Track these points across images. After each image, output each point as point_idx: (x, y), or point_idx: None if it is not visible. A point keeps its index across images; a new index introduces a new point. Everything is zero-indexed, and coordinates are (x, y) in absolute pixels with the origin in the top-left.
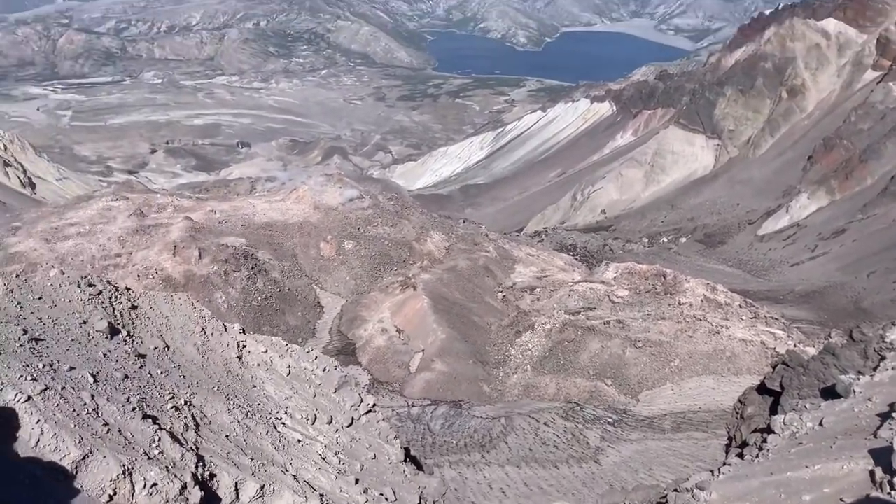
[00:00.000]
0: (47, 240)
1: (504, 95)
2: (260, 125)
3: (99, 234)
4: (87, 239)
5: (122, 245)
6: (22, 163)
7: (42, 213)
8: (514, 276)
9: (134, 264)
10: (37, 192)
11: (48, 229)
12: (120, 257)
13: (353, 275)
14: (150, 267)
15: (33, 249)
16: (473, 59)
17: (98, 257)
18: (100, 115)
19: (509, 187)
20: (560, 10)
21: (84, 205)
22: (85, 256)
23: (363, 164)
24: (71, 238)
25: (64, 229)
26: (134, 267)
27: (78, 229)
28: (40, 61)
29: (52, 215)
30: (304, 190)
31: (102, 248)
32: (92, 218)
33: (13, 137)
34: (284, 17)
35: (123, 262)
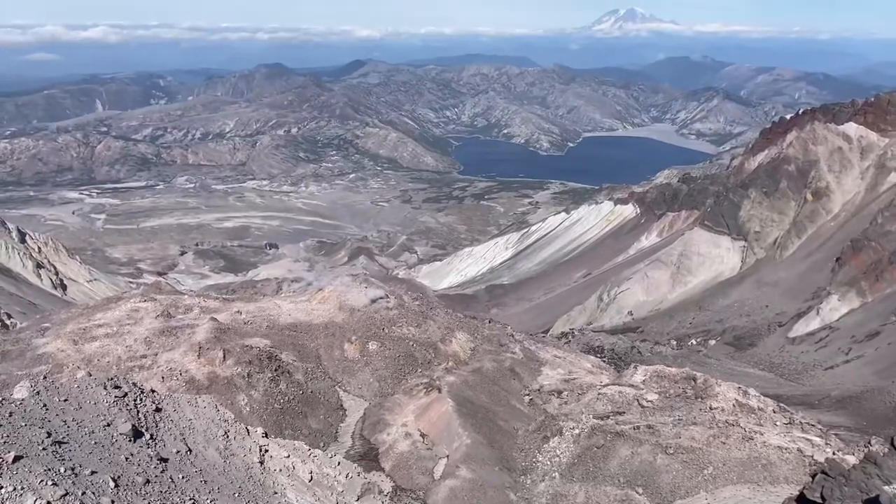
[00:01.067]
0: (75, 341)
1: (528, 198)
2: (288, 227)
3: (126, 335)
4: (114, 340)
5: (148, 346)
6: (54, 264)
7: (71, 315)
8: (540, 378)
9: (159, 366)
10: (67, 293)
11: (76, 330)
12: (146, 358)
13: (377, 376)
14: (174, 368)
15: (61, 350)
16: (497, 163)
17: (124, 358)
18: (133, 218)
19: (535, 288)
20: (582, 117)
21: (112, 306)
22: (111, 357)
23: (389, 264)
24: (98, 339)
25: (92, 330)
26: (159, 368)
27: (105, 330)
28: (78, 167)
29: (80, 316)
30: (330, 290)
31: (129, 350)
32: (119, 319)
33: (47, 240)
34: (315, 124)
35: (149, 363)
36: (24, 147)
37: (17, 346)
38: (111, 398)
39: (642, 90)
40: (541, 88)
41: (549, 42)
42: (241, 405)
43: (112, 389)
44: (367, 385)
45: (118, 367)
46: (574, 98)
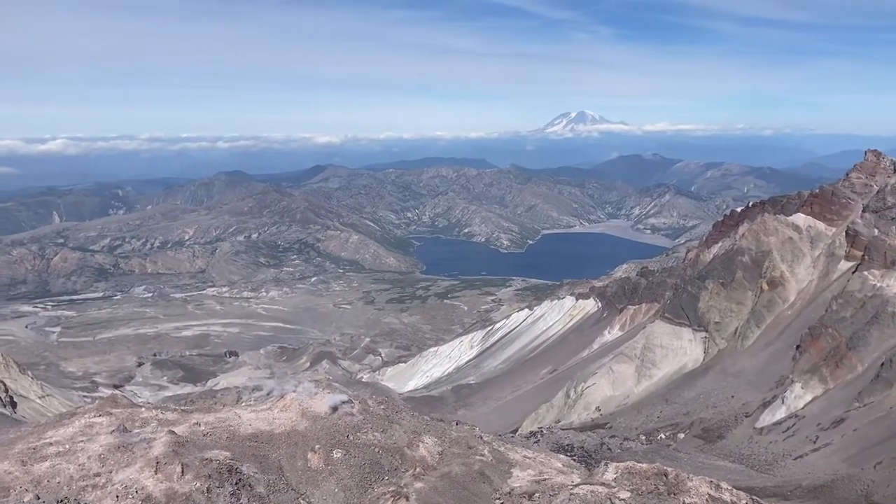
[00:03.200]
0: (23, 461)
1: (491, 295)
2: (248, 334)
3: (79, 452)
4: (66, 459)
5: (102, 463)
6: (4, 381)
7: (20, 433)
8: (511, 480)
9: (114, 484)
10: (17, 410)
11: (25, 450)
12: (99, 476)
13: (342, 486)
14: (130, 486)
15: (7, 472)
16: (459, 261)
17: (76, 478)
18: (89, 330)
19: (501, 386)
20: (540, 214)
21: (65, 422)
22: (62, 478)
23: (352, 367)
24: (49, 458)
25: (42, 449)
26: (114, 487)
27: (57, 448)
28: (32, 279)
29: (30, 435)
30: (291, 398)
31: (81, 468)
32: (72, 436)
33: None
34: (275, 228)
35: (103, 481)
36: None
37: None
38: None
39: (597, 188)
40: (499, 188)
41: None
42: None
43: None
44: (332, 496)
45: (69, 488)
46: (531, 197)
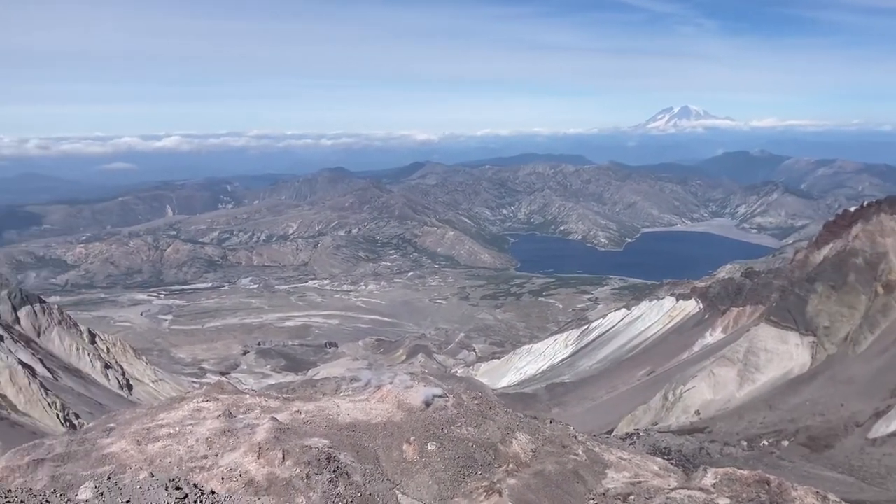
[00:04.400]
0: (138, 441)
1: (587, 294)
2: (348, 326)
3: (188, 435)
4: (176, 440)
5: (209, 447)
6: (122, 365)
7: (136, 415)
8: (605, 481)
9: (219, 466)
10: (133, 393)
11: (140, 430)
12: (206, 459)
13: (436, 479)
14: (234, 469)
15: (124, 451)
16: (555, 259)
17: (185, 459)
18: (198, 319)
19: (597, 386)
20: (639, 212)
21: (176, 406)
22: (173, 458)
23: (447, 362)
24: (161, 439)
25: (155, 430)
26: (219, 469)
27: (168, 430)
28: (148, 269)
29: (144, 416)
30: (388, 389)
31: (190, 450)
32: (182, 419)
33: (116, 341)
34: (374, 224)
35: (209, 464)
36: (98, 251)
37: (83, 447)
38: (172, 500)
39: (700, 185)
40: (597, 185)
41: (604, 140)
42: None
43: (173, 491)
44: (426, 487)
45: (179, 468)
46: (631, 194)
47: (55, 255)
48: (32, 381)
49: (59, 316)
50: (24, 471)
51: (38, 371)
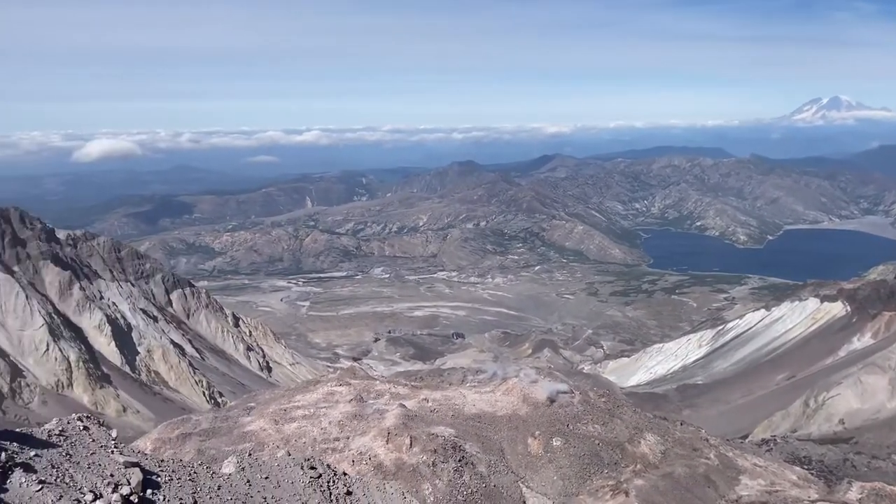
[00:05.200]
0: (276, 421)
1: (723, 293)
2: (474, 317)
3: (322, 417)
4: (311, 422)
5: (341, 429)
6: (262, 348)
7: (274, 396)
8: (738, 488)
9: (350, 449)
10: (272, 375)
11: (278, 411)
12: (338, 441)
13: (561, 475)
14: (364, 453)
15: (263, 429)
16: (690, 255)
17: (319, 440)
18: (333, 306)
19: (732, 389)
20: (782, 209)
21: (311, 389)
22: (307, 439)
23: (574, 358)
24: (297, 420)
25: (291, 411)
26: (350, 451)
27: (303, 412)
28: (288, 258)
29: (282, 398)
30: (514, 382)
31: (323, 431)
32: (317, 402)
33: (257, 325)
34: (502, 217)
35: (341, 446)
36: (243, 239)
37: (225, 424)
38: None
39: (850, 180)
40: (737, 179)
41: (745, 132)
42: (425, 494)
43: (308, 470)
44: (551, 483)
45: (313, 448)
46: (773, 189)
47: (204, 243)
48: (182, 359)
49: (206, 300)
50: (173, 443)
51: (187, 351)
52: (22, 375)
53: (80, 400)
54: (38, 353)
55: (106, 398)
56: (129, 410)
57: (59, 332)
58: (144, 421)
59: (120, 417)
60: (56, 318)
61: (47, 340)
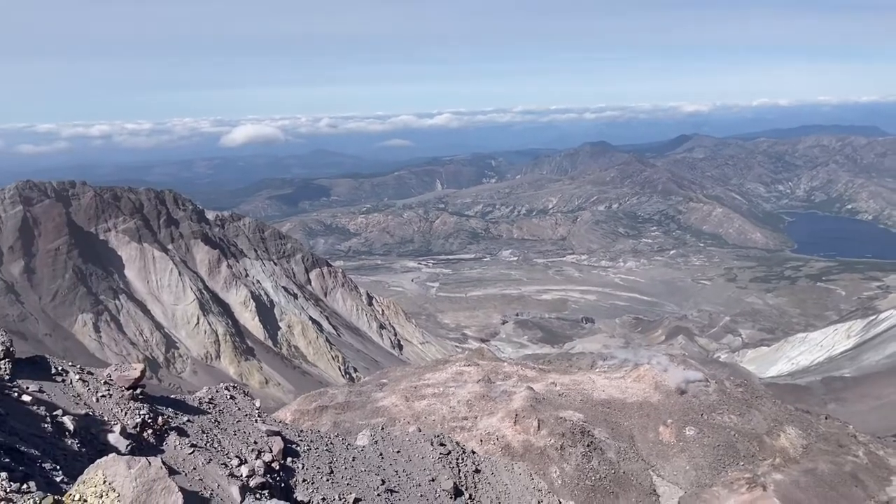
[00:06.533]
0: (407, 397)
1: (876, 281)
2: (605, 302)
3: (451, 396)
4: (440, 400)
5: (469, 409)
6: (394, 326)
7: (405, 373)
8: (889, 489)
9: (478, 428)
10: (403, 353)
11: (409, 388)
12: (466, 420)
13: (694, 464)
14: (492, 433)
15: (395, 405)
16: (838, 241)
17: (448, 418)
18: (462, 287)
19: (884, 384)
20: None
21: (440, 368)
22: (436, 416)
23: (710, 346)
24: (427, 398)
25: (421, 389)
26: (478, 431)
27: (433, 390)
28: (418, 239)
29: (413, 375)
30: (646, 369)
31: (452, 410)
32: (446, 381)
33: (390, 304)
34: (636, 199)
35: (469, 425)
36: (376, 221)
37: (359, 398)
38: (436, 454)
39: None
40: (893, 159)
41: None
42: (552, 476)
43: (437, 446)
44: (683, 472)
45: (442, 426)
46: None
47: (340, 224)
48: (320, 335)
49: (342, 279)
50: (311, 415)
51: (324, 327)
52: (175, 347)
53: (226, 371)
54: (189, 327)
55: (250, 370)
56: (270, 382)
57: (208, 307)
58: (285, 393)
59: (262, 389)
60: (206, 294)
61: (198, 315)
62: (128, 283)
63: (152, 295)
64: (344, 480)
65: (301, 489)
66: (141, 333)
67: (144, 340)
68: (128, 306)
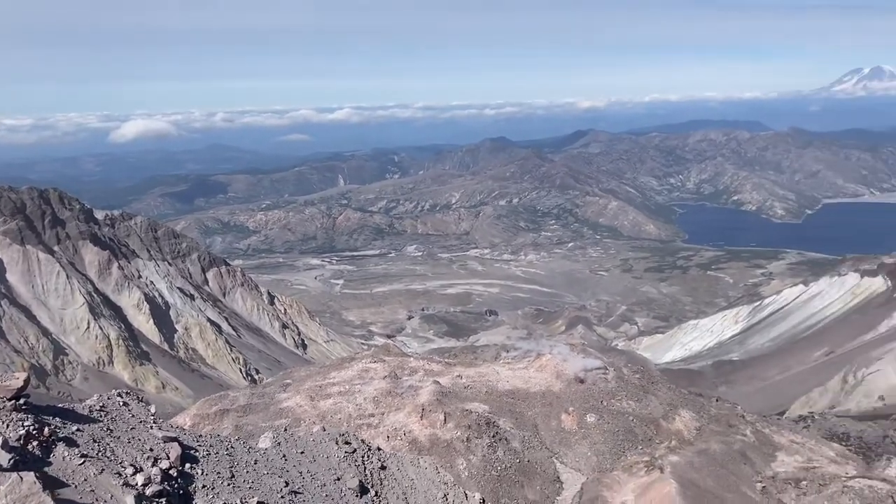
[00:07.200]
0: (312, 397)
1: (760, 268)
2: (507, 295)
3: (356, 393)
4: (346, 398)
5: (376, 405)
6: (297, 325)
7: (309, 373)
8: (775, 464)
9: (385, 425)
10: (307, 352)
11: (313, 387)
12: (373, 417)
13: (595, 450)
14: (398, 428)
15: (299, 406)
16: (726, 231)
17: (354, 416)
18: (366, 283)
19: (768, 366)
20: (821, 182)
21: (346, 366)
22: (343, 415)
23: (607, 335)
24: (332, 397)
25: (327, 388)
26: (385, 427)
27: (339, 388)
28: (321, 236)
29: (317, 374)
30: (547, 359)
31: (358, 408)
32: (352, 378)
33: (292, 303)
34: (535, 194)
35: (376, 422)
36: (277, 218)
37: (262, 400)
38: (342, 453)
39: (892, 153)
40: (774, 153)
41: (783, 104)
42: (459, 469)
43: (343, 445)
44: (585, 458)
45: (348, 424)
46: (812, 162)
47: (238, 222)
48: (219, 337)
49: (242, 278)
50: (212, 419)
51: (223, 328)
52: (64, 353)
53: (120, 377)
54: (79, 332)
55: (145, 375)
56: (168, 387)
57: (99, 311)
58: (183, 397)
59: (159, 394)
60: (96, 297)
61: (88, 319)
62: (10, 287)
63: (38, 299)
64: (245, 484)
65: (201, 495)
66: (26, 340)
67: (30, 347)
68: (10, 312)
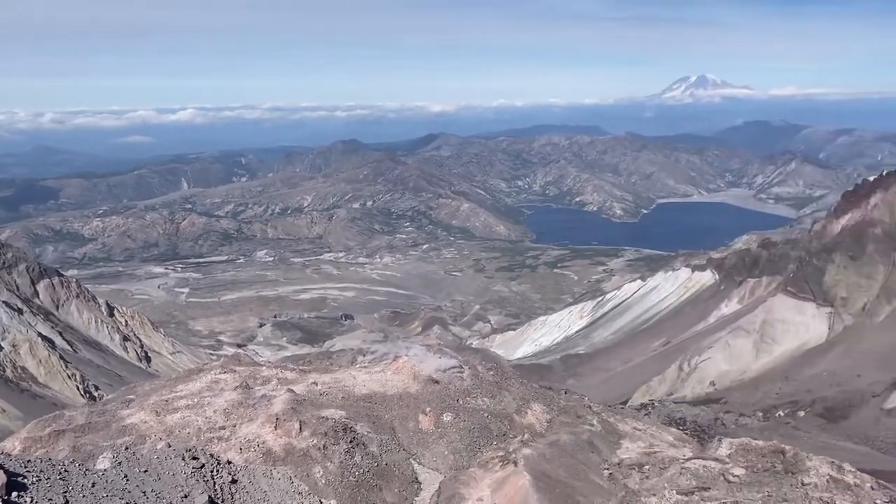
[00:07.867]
0: (157, 412)
1: (602, 265)
2: (363, 298)
3: (206, 406)
4: (195, 411)
5: (227, 417)
6: (140, 337)
7: (154, 386)
8: (620, 451)
9: (237, 437)
10: (151, 365)
11: (159, 402)
12: (224, 430)
13: (452, 449)
14: (252, 440)
15: (143, 422)
16: (570, 230)
17: (204, 430)
18: (214, 291)
19: (611, 357)
20: (655, 183)
21: (194, 378)
22: (191, 429)
23: (463, 334)
24: (179, 410)
25: (174, 402)
26: (237, 440)
27: (186, 402)
28: (164, 243)
29: (163, 388)
30: (404, 361)
31: (208, 421)
32: (200, 391)
33: (134, 314)
34: (389, 196)
35: (227, 434)
36: (115, 225)
37: (102, 418)
38: (189, 469)
39: (717, 155)
40: (613, 156)
41: (620, 110)
42: (316, 477)
43: (190, 461)
44: (442, 458)
45: (198, 439)
46: (647, 165)
47: (72, 229)
48: (52, 353)
49: (77, 289)
50: (45, 441)
51: (57, 343)
52: None
53: None
54: None
55: None
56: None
57: None
58: (11, 420)
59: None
60: None
61: None
62: None
63: None
64: None
65: None
66: None
67: None
68: None
